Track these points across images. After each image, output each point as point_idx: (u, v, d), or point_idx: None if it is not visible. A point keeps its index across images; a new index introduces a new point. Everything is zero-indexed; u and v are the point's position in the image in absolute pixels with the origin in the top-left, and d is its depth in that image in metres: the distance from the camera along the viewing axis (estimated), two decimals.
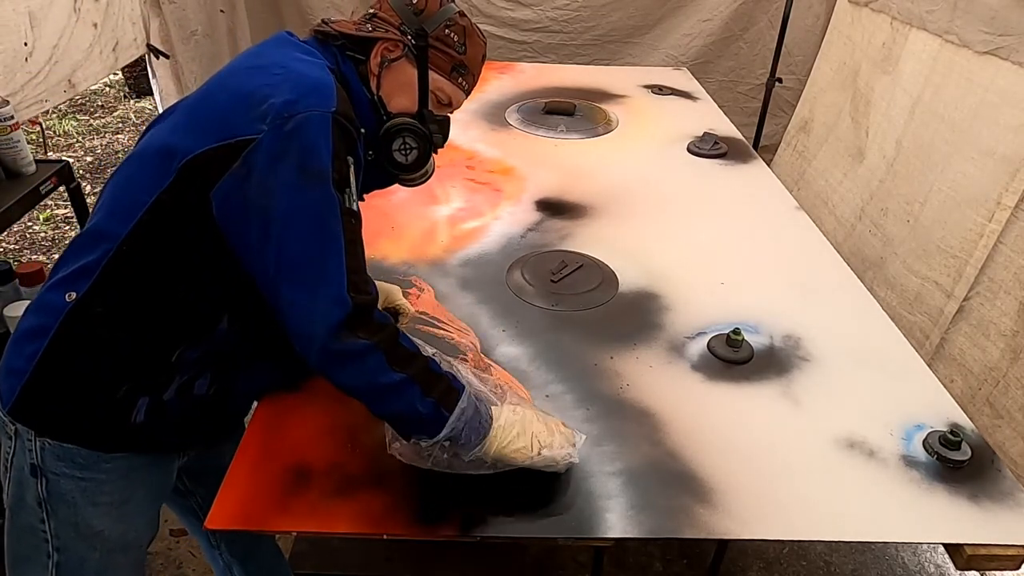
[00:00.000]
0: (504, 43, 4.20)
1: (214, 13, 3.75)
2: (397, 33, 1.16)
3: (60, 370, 1.05)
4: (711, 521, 1.09)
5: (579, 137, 2.45)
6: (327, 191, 0.99)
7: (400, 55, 1.16)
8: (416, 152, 1.19)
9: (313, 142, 0.98)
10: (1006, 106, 2.19)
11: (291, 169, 0.97)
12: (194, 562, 2.05)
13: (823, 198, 3.19)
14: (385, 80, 1.17)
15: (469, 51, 1.20)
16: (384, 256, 1.71)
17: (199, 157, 1.00)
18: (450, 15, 1.18)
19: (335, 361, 1.00)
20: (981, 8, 2.31)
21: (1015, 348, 2.07)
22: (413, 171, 1.23)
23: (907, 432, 1.27)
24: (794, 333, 1.51)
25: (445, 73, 1.19)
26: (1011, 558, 1.09)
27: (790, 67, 4.01)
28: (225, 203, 1.00)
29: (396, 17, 1.17)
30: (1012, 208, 2.13)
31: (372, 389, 1.02)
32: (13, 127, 2.12)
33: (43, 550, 1.12)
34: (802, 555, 2.14)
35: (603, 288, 1.63)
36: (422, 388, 1.02)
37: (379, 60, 1.16)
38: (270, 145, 0.98)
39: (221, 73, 1.11)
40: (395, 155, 1.19)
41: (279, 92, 1.00)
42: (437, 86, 1.19)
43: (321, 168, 0.98)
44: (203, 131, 1.01)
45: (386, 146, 1.18)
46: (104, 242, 1.04)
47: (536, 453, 1.07)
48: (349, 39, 1.16)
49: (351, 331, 0.98)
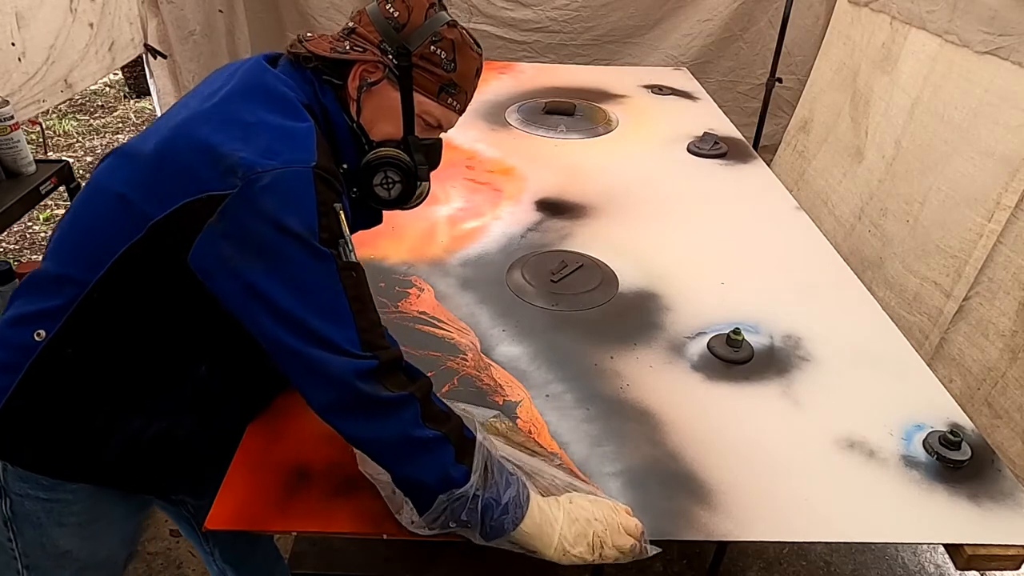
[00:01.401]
0: (504, 43, 4.20)
1: (212, 13, 3.75)
2: (377, 52, 1.05)
3: (30, 407, 1.01)
4: (711, 522, 1.08)
5: (579, 137, 2.45)
6: (315, 250, 0.91)
7: (381, 78, 1.05)
8: (400, 186, 1.10)
9: (293, 199, 0.90)
10: (1006, 106, 2.19)
11: (267, 229, 0.89)
12: (194, 562, 2.04)
13: (823, 198, 3.19)
14: (366, 106, 1.07)
15: (460, 67, 1.08)
16: (384, 256, 1.71)
17: (169, 218, 0.92)
18: (437, 28, 1.06)
19: (362, 411, 0.92)
20: (981, 8, 2.31)
21: (1014, 348, 2.07)
22: (398, 206, 1.14)
23: (907, 432, 1.27)
24: (794, 333, 1.51)
25: (432, 95, 1.09)
26: (1011, 558, 1.09)
27: (790, 67, 4.01)
28: (203, 261, 0.92)
29: (376, 33, 1.05)
30: (1011, 208, 2.13)
31: (403, 443, 0.93)
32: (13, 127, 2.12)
33: (13, 567, 1.09)
34: (802, 555, 2.14)
35: (603, 288, 1.63)
36: (456, 450, 0.94)
37: (358, 84, 1.06)
38: (242, 203, 0.89)
39: (181, 116, 0.99)
40: (377, 191, 1.10)
41: (251, 143, 0.92)
42: (424, 109, 1.09)
43: (305, 226, 0.90)
44: (168, 190, 0.93)
45: (367, 181, 1.09)
46: (71, 287, 0.98)
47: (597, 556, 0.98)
48: (324, 62, 1.05)
49: (382, 381, 0.92)
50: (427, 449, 0.93)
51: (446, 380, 1.32)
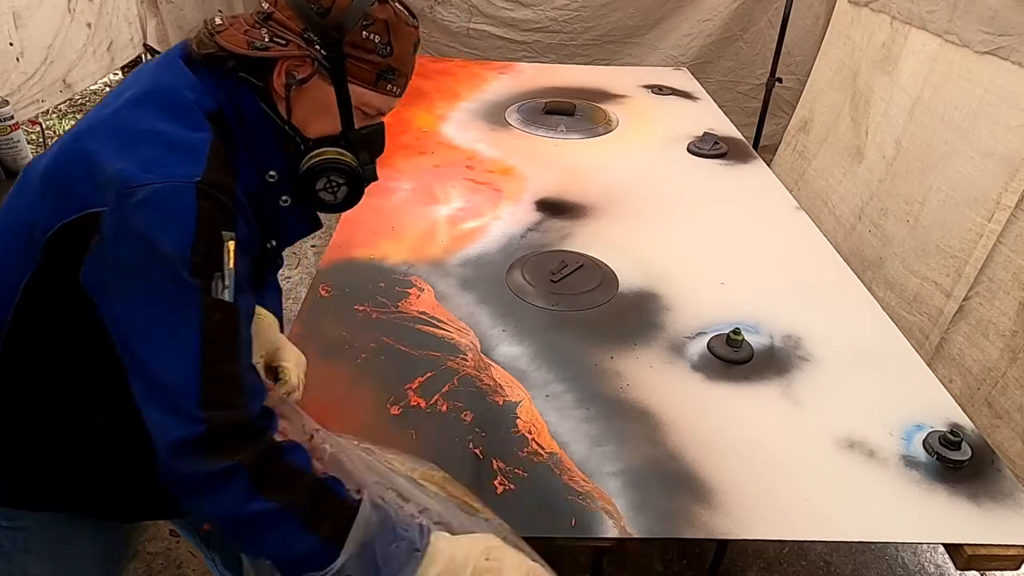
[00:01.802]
0: (504, 43, 4.19)
1: (212, 13, 3.73)
2: (301, 43, 0.93)
3: None
4: (711, 521, 1.09)
5: (579, 137, 2.45)
6: (179, 278, 0.80)
7: (311, 73, 0.94)
8: (346, 188, 1.01)
9: (164, 219, 0.80)
10: (1006, 106, 2.19)
11: (136, 251, 0.80)
12: (194, 562, 2.04)
13: (823, 198, 3.19)
14: (297, 104, 0.96)
15: (397, 50, 0.96)
16: (384, 256, 1.71)
17: (59, 232, 0.84)
18: (366, 9, 0.93)
19: (186, 486, 0.81)
20: (981, 8, 2.31)
21: (1014, 348, 2.07)
22: (346, 208, 1.04)
23: (907, 432, 1.27)
24: (794, 333, 1.51)
25: (370, 84, 0.97)
26: (1011, 558, 1.09)
27: (790, 67, 4.01)
28: (90, 281, 0.84)
29: (296, 20, 0.92)
30: (1011, 208, 2.13)
31: (234, 521, 0.81)
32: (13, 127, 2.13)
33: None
34: (802, 555, 2.14)
35: (603, 288, 1.63)
36: (303, 520, 0.81)
37: (284, 82, 0.95)
38: (114, 221, 0.81)
39: (80, 125, 0.93)
40: (322, 196, 1.01)
41: (132, 155, 0.83)
42: (362, 100, 0.98)
43: (175, 248, 0.80)
44: (58, 201, 0.85)
45: (309, 188, 1.00)
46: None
47: None
48: (241, 61, 0.94)
49: (203, 454, 0.79)
50: (263, 525, 0.81)
51: (446, 380, 1.32)
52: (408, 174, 2.09)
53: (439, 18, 4.07)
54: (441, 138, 2.37)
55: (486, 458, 1.17)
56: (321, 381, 1.30)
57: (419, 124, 2.47)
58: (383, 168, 1.10)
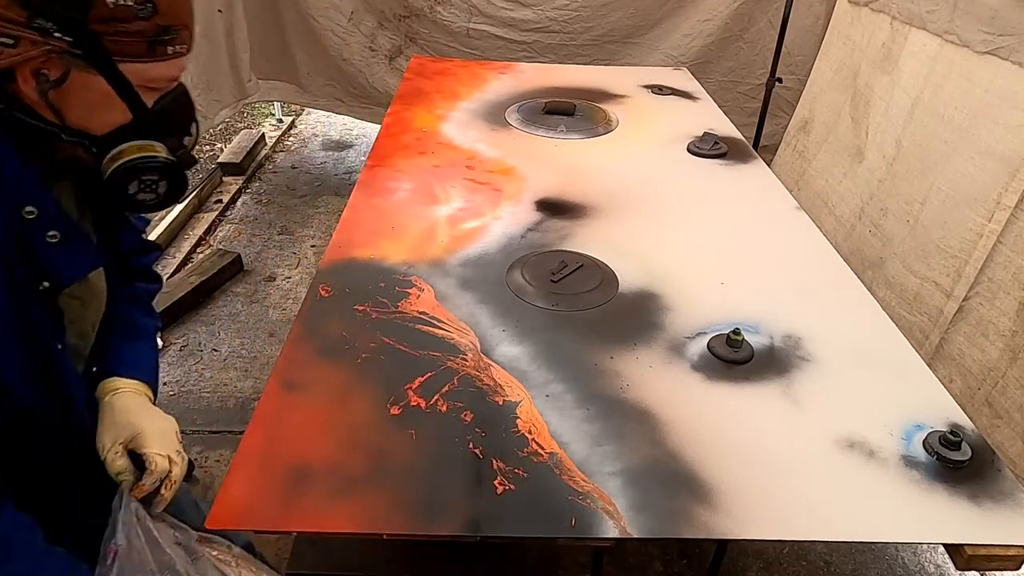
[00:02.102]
0: (504, 43, 4.19)
1: (211, 13, 3.74)
2: (36, 37, 0.74)
3: None
4: (711, 521, 1.09)
5: (579, 137, 2.45)
6: None
7: (65, 70, 0.77)
8: (165, 182, 0.88)
9: None
10: (1006, 106, 2.19)
11: None
12: None
13: (823, 198, 3.19)
14: (66, 106, 0.80)
15: (161, 6, 0.80)
16: (384, 256, 1.71)
17: None
18: None
19: None
20: (981, 8, 2.31)
21: (1014, 348, 2.07)
22: (174, 200, 0.91)
23: (907, 432, 1.27)
24: (794, 333, 1.51)
25: (143, 56, 0.81)
26: (1011, 558, 1.09)
27: (790, 67, 4.01)
28: None
29: (17, 9, 0.73)
30: (1012, 208, 2.13)
31: None
32: None
33: None
34: (802, 555, 2.14)
35: (603, 288, 1.63)
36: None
37: (36, 87, 0.77)
38: None
39: None
40: (141, 199, 0.88)
41: None
42: (143, 76, 0.83)
43: None
44: None
45: (122, 197, 0.87)
46: None
47: None
48: None
49: None
50: None
51: (446, 380, 1.32)
52: (408, 174, 2.09)
53: (439, 18, 4.07)
54: (441, 138, 2.37)
55: (486, 458, 1.17)
56: (321, 381, 1.30)
57: (419, 124, 2.47)
58: (383, 168, 1.10)
